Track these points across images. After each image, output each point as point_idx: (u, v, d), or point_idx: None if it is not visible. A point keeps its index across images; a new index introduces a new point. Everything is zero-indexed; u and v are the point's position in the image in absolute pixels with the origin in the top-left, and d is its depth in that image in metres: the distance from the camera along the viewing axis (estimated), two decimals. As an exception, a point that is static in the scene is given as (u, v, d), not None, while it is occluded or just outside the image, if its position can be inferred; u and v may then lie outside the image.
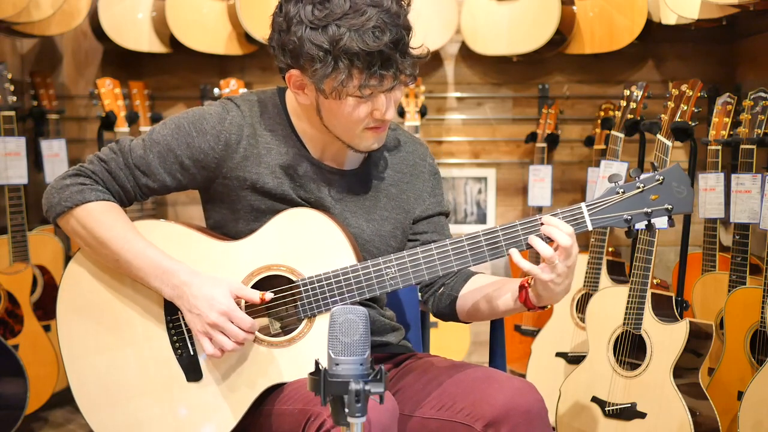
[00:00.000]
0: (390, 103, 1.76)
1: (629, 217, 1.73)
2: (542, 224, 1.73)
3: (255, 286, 1.82)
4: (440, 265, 1.77)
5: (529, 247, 1.74)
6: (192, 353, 1.83)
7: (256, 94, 1.93)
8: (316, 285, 1.79)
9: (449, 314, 1.99)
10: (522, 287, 1.81)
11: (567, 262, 1.71)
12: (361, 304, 1.75)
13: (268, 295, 1.78)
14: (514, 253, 1.73)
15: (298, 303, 1.80)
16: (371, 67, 1.68)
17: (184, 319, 1.84)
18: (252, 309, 1.81)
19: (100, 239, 1.82)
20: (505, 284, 1.87)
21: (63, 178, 1.87)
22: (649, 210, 1.73)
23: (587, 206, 1.74)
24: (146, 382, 1.84)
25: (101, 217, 1.83)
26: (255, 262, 1.83)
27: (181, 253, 1.83)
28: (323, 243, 1.82)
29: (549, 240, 1.72)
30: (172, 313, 1.85)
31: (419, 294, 2.08)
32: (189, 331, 1.84)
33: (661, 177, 1.73)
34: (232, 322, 1.74)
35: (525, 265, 1.71)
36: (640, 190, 1.73)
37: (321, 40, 1.68)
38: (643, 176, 1.73)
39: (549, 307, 1.83)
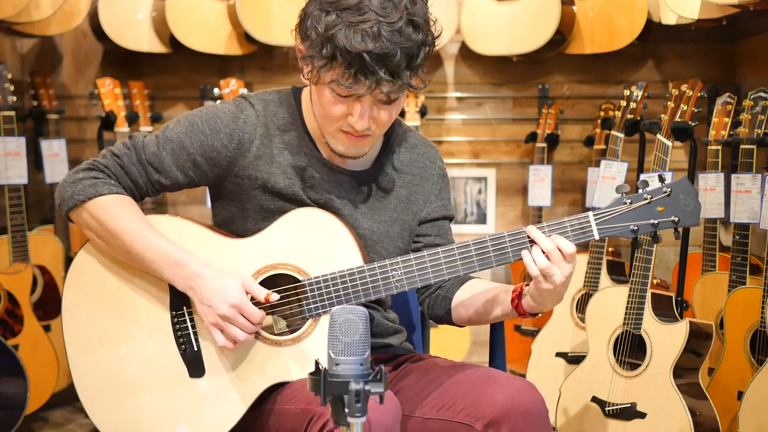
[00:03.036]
0: (364, 115, 1.74)
1: (636, 228, 1.74)
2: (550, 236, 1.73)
3: (261, 284, 1.82)
4: (446, 268, 1.78)
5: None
6: (195, 349, 1.84)
7: (270, 94, 1.93)
8: (322, 285, 1.80)
9: (444, 317, 1.99)
10: (515, 292, 1.82)
11: (563, 272, 1.71)
12: (365, 305, 1.75)
13: (274, 296, 1.78)
14: (526, 255, 1.73)
15: (304, 302, 1.81)
16: (349, 68, 1.67)
17: (189, 315, 1.84)
18: (257, 306, 1.81)
19: (112, 231, 1.82)
20: (500, 290, 1.88)
21: (76, 172, 1.88)
22: (656, 221, 1.74)
23: (594, 216, 1.74)
24: (149, 377, 1.85)
25: (113, 210, 1.83)
26: (262, 260, 1.83)
27: (188, 247, 1.83)
28: (330, 243, 1.82)
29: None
30: (177, 308, 1.85)
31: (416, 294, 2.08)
32: (194, 326, 1.84)
33: (669, 189, 1.73)
34: (243, 315, 1.75)
35: (533, 269, 1.72)
36: (647, 201, 1.74)
37: (319, 22, 1.69)
38: (650, 187, 1.74)
39: (539, 315, 1.84)
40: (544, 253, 1.71)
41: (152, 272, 1.83)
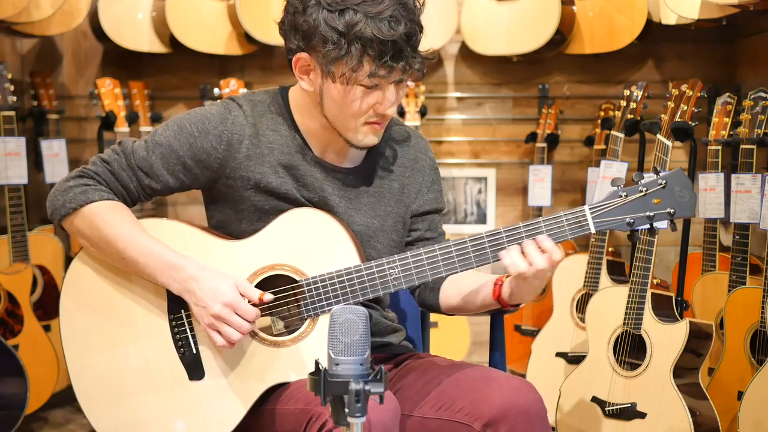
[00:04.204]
0: (395, 98, 1.78)
1: (632, 221, 1.73)
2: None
3: (258, 286, 1.82)
4: (443, 266, 1.78)
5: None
6: (194, 352, 1.84)
7: (258, 94, 1.93)
8: (320, 285, 1.80)
9: (434, 306, 2.02)
10: (496, 284, 1.84)
11: (543, 280, 1.75)
12: (363, 305, 1.75)
13: (267, 297, 1.78)
14: (506, 256, 1.73)
15: (302, 303, 1.81)
16: (383, 57, 1.69)
17: (187, 318, 1.84)
18: (255, 307, 1.81)
19: (106, 238, 1.82)
20: (485, 280, 1.90)
21: (66, 180, 1.88)
22: (652, 214, 1.73)
23: (590, 209, 1.74)
24: (148, 381, 1.85)
25: (106, 217, 1.83)
26: (259, 261, 1.83)
27: (185, 251, 1.83)
28: (327, 243, 1.82)
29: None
30: (175, 311, 1.85)
31: None
32: (192, 329, 1.84)
33: (664, 181, 1.73)
34: (237, 314, 1.75)
35: (513, 271, 1.73)
36: (642, 193, 1.73)
37: (336, 22, 1.69)
38: (645, 180, 1.74)
39: (520, 307, 1.86)
40: (527, 260, 1.72)
41: (147, 277, 1.83)
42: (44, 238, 3.56)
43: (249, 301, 1.79)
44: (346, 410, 1.33)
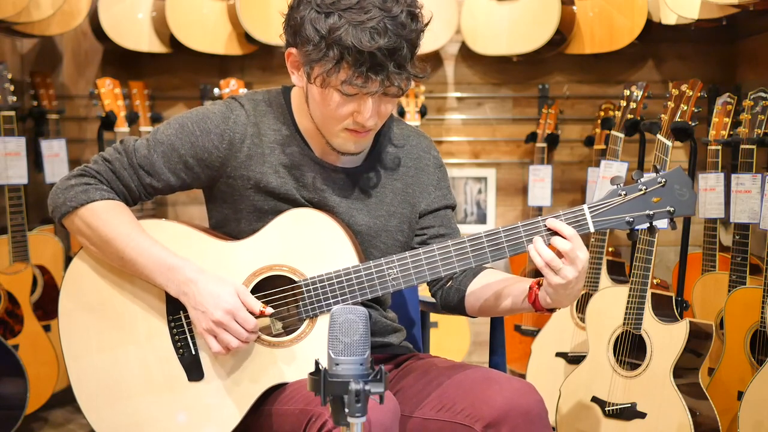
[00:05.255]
0: (375, 111, 1.75)
1: (631, 219, 1.73)
2: (546, 227, 1.72)
3: (257, 286, 1.82)
4: (442, 265, 1.77)
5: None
6: (193, 353, 1.84)
7: (260, 94, 1.93)
8: (318, 285, 1.80)
9: (457, 308, 1.99)
10: (531, 288, 1.81)
11: (575, 267, 1.69)
12: (364, 305, 1.75)
13: (269, 310, 1.78)
14: (531, 249, 1.72)
15: (300, 303, 1.81)
16: (359, 66, 1.67)
17: (186, 319, 1.84)
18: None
19: (105, 238, 1.82)
20: (515, 283, 1.87)
21: (68, 179, 1.88)
22: (651, 212, 1.73)
23: (589, 208, 1.73)
24: (147, 381, 1.84)
25: (106, 216, 1.83)
26: (257, 261, 1.83)
27: (183, 252, 1.83)
28: (325, 243, 1.82)
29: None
30: (174, 312, 1.85)
31: (427, 287, 2.07)
32: (191, 330, 1.84)
33: (664, 179, 1.73)
34: (236, 321, 1.75)
35: (539, 261, 1.70)
36: (642, 192, 1.73)
37: (320, 25, 1.69)
38: (645, 178, 1.73)
39: (556, 310, 1.83)
40: (549, 246, 1.70)
41: (145, 278, 1.83)
42: (44, 238, 3.56)
43: (249, 311, 1.78)
44: (346, 410, 1.33)
